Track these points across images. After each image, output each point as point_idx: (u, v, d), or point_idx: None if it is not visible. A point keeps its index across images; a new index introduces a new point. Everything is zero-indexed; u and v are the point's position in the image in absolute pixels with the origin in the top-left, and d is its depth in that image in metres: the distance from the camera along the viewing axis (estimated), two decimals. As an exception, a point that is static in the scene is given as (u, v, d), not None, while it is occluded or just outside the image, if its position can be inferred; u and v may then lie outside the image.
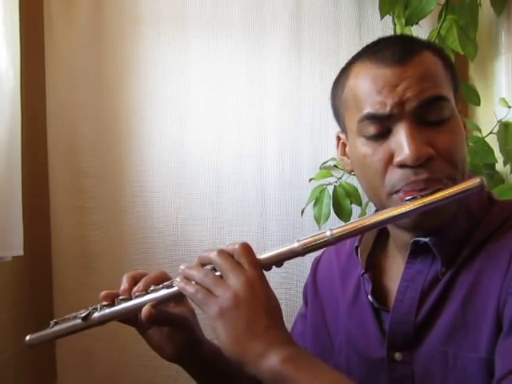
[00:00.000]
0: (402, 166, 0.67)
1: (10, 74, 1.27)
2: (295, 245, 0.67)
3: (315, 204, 1.34)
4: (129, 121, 1.50)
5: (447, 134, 0.68)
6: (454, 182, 0.67)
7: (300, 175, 1.46)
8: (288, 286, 1.42)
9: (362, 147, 0.71)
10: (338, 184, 1.34)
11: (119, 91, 1.50)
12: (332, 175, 1.36)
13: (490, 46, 1.34)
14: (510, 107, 1.23)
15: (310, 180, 1.40)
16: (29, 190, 1.44)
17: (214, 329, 0.62)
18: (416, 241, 0.71)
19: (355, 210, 1.36)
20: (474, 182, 0.65)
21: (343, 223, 1.37)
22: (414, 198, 0.65)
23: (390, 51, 0.69)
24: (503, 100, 1.25)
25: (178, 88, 1.49)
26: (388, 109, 0.67)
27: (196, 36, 1.49)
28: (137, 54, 1.50)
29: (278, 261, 0.68)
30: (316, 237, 0.67)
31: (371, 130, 0.69)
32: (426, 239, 0.70)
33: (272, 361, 0.59)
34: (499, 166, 1.27)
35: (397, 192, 0.68)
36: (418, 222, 0.68)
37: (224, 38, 1.49)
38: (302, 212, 1.37)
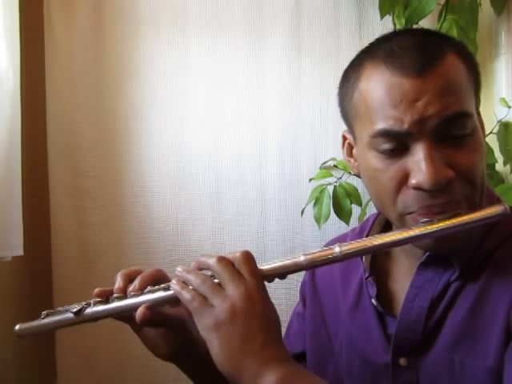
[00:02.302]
0: (417, 188, 0.62)
1: (10, 74, 1.27)
2: (301, 258, 0.64)
3: (315, 204, 1.34)
4: (129, 121, 1.50)
5: (469, 153, 0.63)
6: (472, 203, 0.64)
7: (300, 175, 1.46)
8: (288, 285, 1.42)
9: (373, 160, 0.66)
10: (338, 184, 1.34)
11: (119, 91, 1.50)
12: (332, 175, 1.36)
13: (490, 45, 1.34)
14: (510, 107, 1.23)
15: (310, 180, 1.40)
16: (29, 190, 1.44)
17: (208, 341, 0.60)
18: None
19: (355, 209, 1.36)
20: (496, 210, 0.62)
21: (343, 223, 1.38)
22: (430, 221, 0.62)
23: (408, 57, 0.62)
24: (503, 100, 1.25)
25: (178, 88, 1.49)
26: (406, 126, 0.61)
27: (196, 36, 1.49)
28: (137, 54, 1.50)
29: (282, 273, 0.66)
30: (324, 252, 0.64)
31: (385, 146, 0.64)
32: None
33: (267, 381, 0.57)
34: (499, 166, 1.26)
35: (410, 213, 0.65)
36: (432, 245, 0.65)
37: (224, 38, 1.48)
38: (302, 212, 1.37)
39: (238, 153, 1.48)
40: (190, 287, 0.63)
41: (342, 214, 1.33)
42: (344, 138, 0.76)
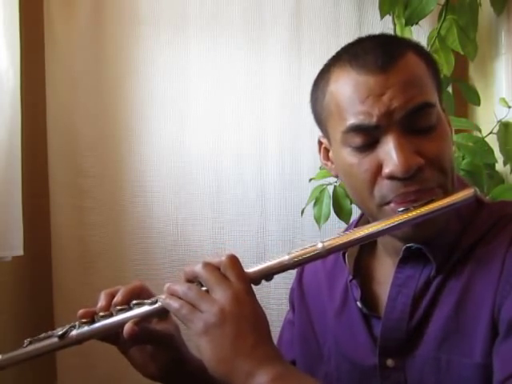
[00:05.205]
0: (391, 177, 0.65)
1: (10, 73, 1.27)
2: (286, 258, 0.65)
3: (315, 204, 1.34)
4: (129, 121, 1.50)
5: (436, 142, 0.66)
6: (445, 190, 0.66)
7: (300, 175, 1.46)
8: (288, 286, 1.41)
9: (348, 156, 0.68)
10: (338, 184, 1.34)
11: (119, 91, 1.50)
12: (332, 175, 1.36)
13: (490, 45, 1.34)
14: (510, 107, 1.23)
15: (310, 180, 1.39)
16: (29, 190, 1.44)
17: (199, 346, 0.60)
18: (408, 246, 0.70)
19: (355, 209, 1.36)
20: (468, 193, 0.65)
21: (343, 223, 1.38)
22: (407, 210, 0.64)
23: (371, 56, 0.66)
24: (503, 100, 1.24)
25: (178, 88, 1.49)
26: (374, 120, 0.64)
27: (196, 36, 1.49)
28: (137, 54, 1.50)
29: (268, 275, 0.66)
30: (307, 249, 0.65)
31: (357, 141, 0.66)
32: (419, 244, 0.69)
33: (260, 380, 0.57)
34: (499, 166, 1.26)
35: (387, 203, 0.67)
36: (411, 233, 0.67)
37: (224, 38, 1.48)
38: (302, 212, 1.37)
39: (237, 153, 1.48)
40: (178, 297, 0.63)
41: (342, 213, 1.33)
42: (320, 143, 0.79)
